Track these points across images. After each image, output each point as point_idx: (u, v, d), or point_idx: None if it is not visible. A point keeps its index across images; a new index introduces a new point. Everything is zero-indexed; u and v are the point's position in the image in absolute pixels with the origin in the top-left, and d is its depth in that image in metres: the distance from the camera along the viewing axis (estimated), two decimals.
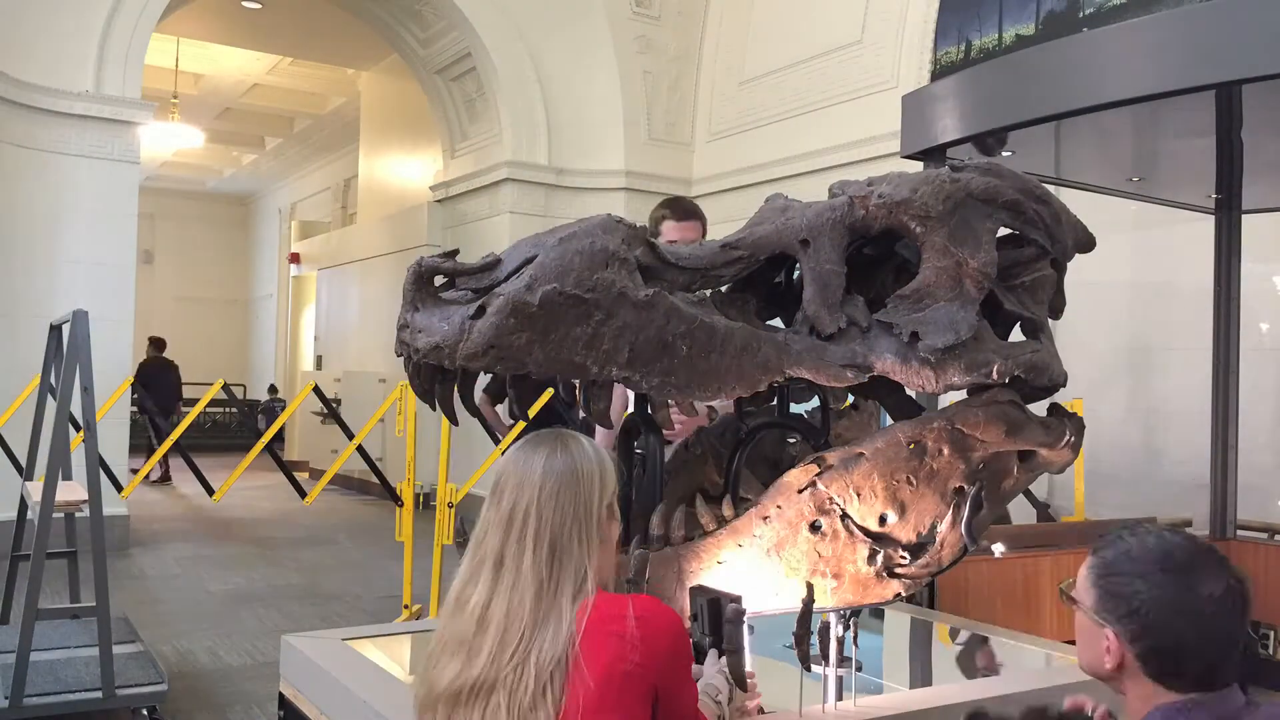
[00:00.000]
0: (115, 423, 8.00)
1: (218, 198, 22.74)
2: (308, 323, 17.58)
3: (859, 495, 2.14)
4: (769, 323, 2.16)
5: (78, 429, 4.53)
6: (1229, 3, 3.26)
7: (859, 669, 2.36)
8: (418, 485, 7.82)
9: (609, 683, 1.56)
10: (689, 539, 2.07)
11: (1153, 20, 4.36)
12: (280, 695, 2.74)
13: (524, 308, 1.77)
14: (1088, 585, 1.66)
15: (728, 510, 2.12)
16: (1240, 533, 4.59)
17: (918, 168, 3.67)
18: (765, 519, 2.11)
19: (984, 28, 7.39)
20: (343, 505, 11.74)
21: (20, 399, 6.73)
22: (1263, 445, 5.55)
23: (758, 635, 2.14)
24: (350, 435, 7.20)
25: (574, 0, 10.04)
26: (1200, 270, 4.80)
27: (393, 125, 14.37)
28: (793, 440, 2.43)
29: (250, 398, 19.49)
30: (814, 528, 2.13)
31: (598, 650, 1.58)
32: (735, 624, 1.92)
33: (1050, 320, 2.43)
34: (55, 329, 4.97)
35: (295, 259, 17.47)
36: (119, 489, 7.44)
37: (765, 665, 2.22)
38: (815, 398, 2.35)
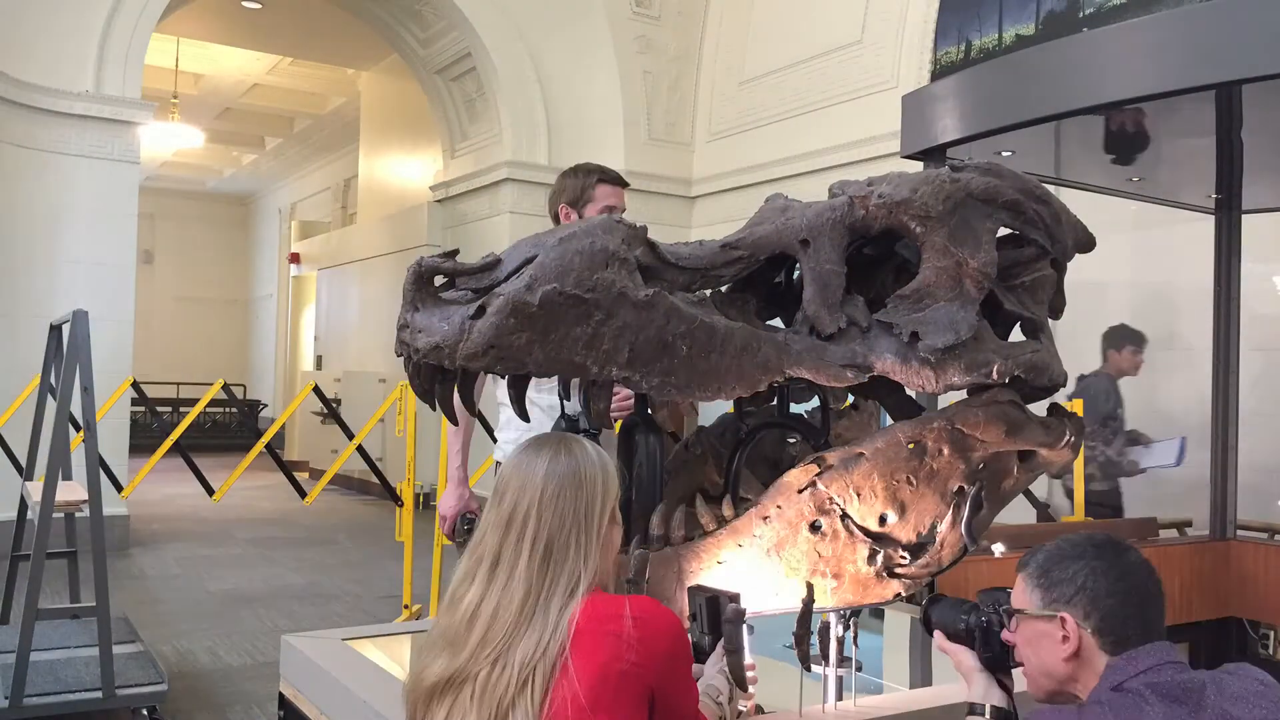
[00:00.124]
0: (115, 423, 8.01)
1: (218, 198, 22.75)
2: (308, 323, 17.58)
3: (859, 495, 2.14)
4: (769, 323, 2.16)
5: (78, 429, 4.53)
6: (1229, 3, 3.25)
7: (859, 669, 2.36)
8: (418, 485, 7.83)
9: (604, 683, 1.56)
10: (689, 539, 2.07)
11: (1153, 20, 4.36)
12: (280, 695, 2.74)
13: (524, 308, 1.77)
14: (1028, 591, 1.79)
15: (728, 510, 2.12)
16: (1240, 533, 4.58)
17: (918, 168, 3.66)
18: (765, 519, 2.11)
19: (984, 28, 7.39)
20: (343, 505, 11.75)
21: (20, 399, 6.74)
22: (1263, 445, 5.55)
23: (757, 635, 2.14)
24: (350, 435, 7.21)
25: (574, 0, 10.04)
26: (1200, 270, 4.79)
27: (393, 125, 14.38)
28: (793, 440, 2.43)
29: (250, 398, 19.51)
30: (814, 528, 2.13)
31: (593, 650, 1.57)
32: (735, 623, 1.92)
33: (1050, 320, 2.43)
34: (55, 329, 4.98)
35: (295, 259, 17.47)
36: (119, 489, 7.46)
37: (765, 665, 2.21)
38: (815, 398, 2.35)
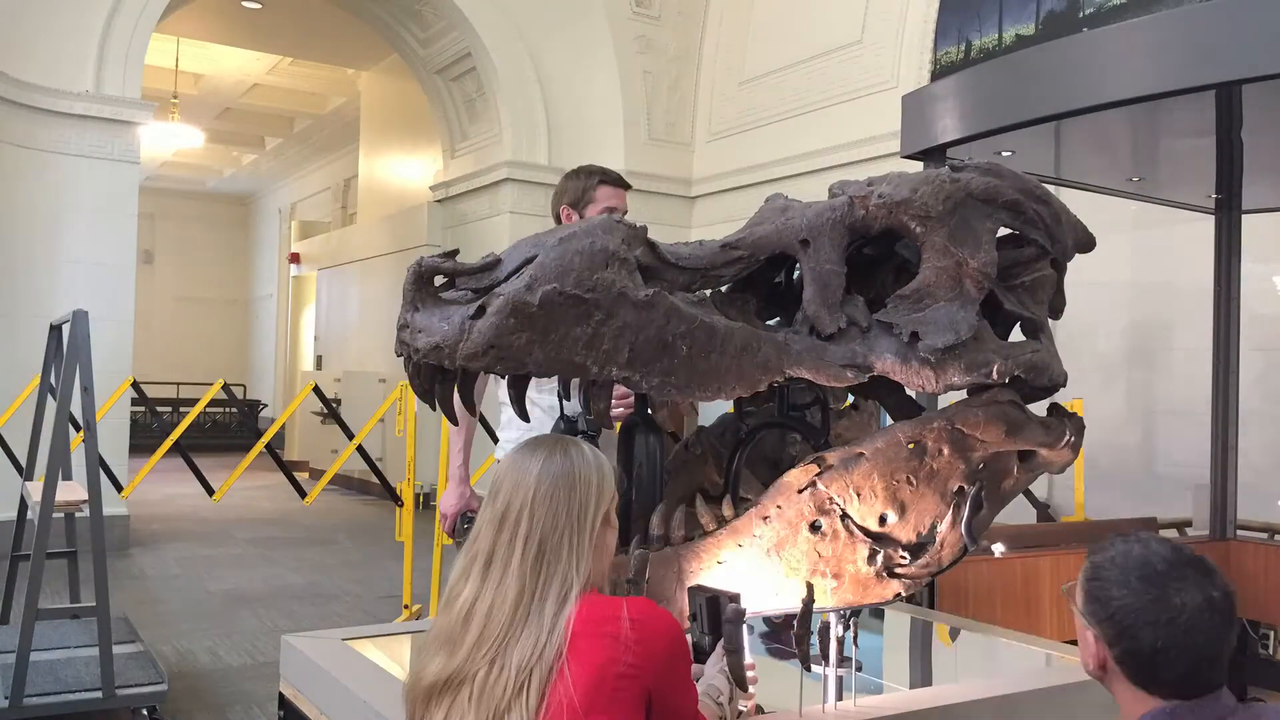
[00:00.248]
0: (115, 423, 8.02)
1: (218, 198, 22.75)
2: (308, 323, 17.58)
3: (859, 495, 2.14)
4: (769, 323, 2.16)
5: (78, 429, 4.53)
6: (1229, 3, 3.25)
7: (859, 669, 2.36)
8: (418, 485, 7.84)
9: (600, 684, 1.55)
10: (689, 539, 2.07)
11: (1153, 20, 4.36)
12: (280, 695, 2.73)
13: (524, 308, 1.77)
14: (1079, 587, 1.71)
15: (728, 510, 2.12)
16: (1240, 533, 4.58)
17: (918, 168, 3.66)
18: (765, 519, 2.11)
19: (984, 28, 7.39)
20: (343, 505, 11.74)
21: (20, 399, 6.74)
22: (1263, 445, 5.55)
23: (757, 635, 2.14)
24: (350, 435, 7.22)
25: (574, 0, 10.04)
26: (1200, 270, 4.79)
27: (393, 125, 14.38)
28: (793, 440, 2.43)
29: (250, 398, 19.50)
30: (814, 528, 2.14)
31: (589, 651, 1.57)
32: (735, 623, 1.92)
33: (1050, 320, 2.43)
34: (55, 329, 4.98)
35: (295, 259, 17.47)
36: (119, 489, 7.46)
37: (765, 665, 2.21)
38: (815, 397, 2.35)
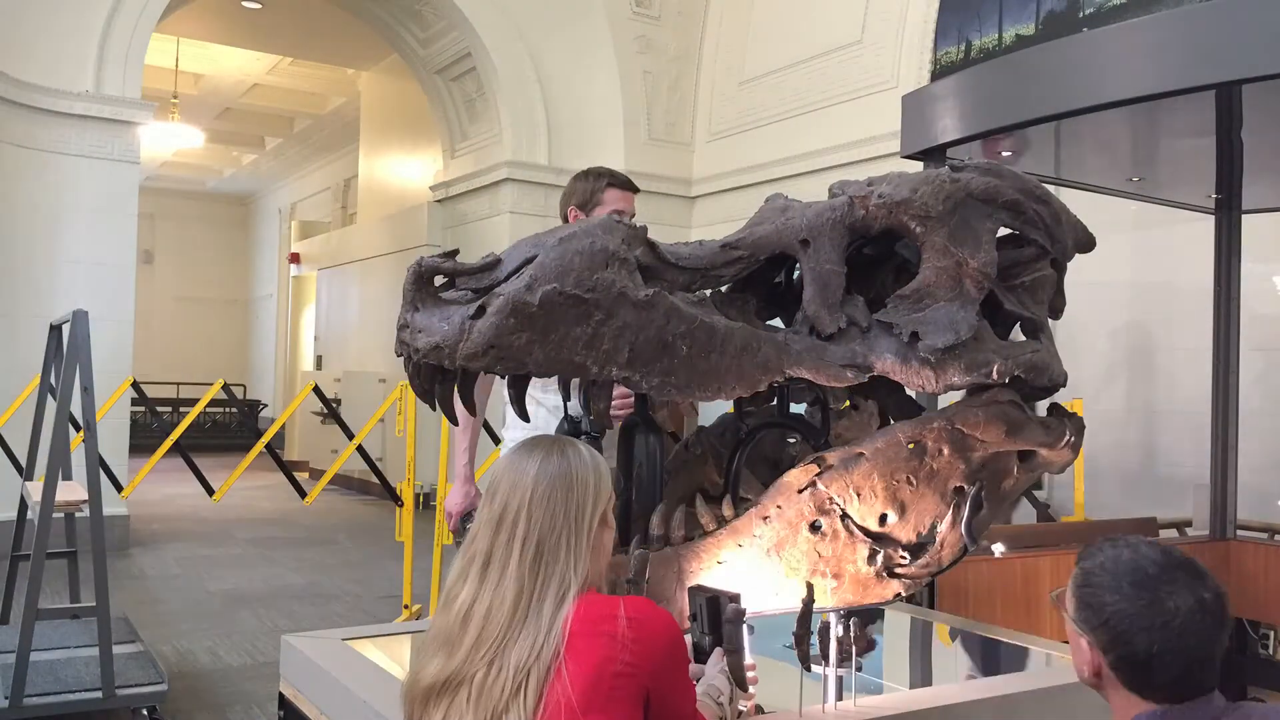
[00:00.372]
0: (115, 423, 8.02)
1: (218, 198, 22.75)
2: (308, 323, 17.58)
3: (859, 495, 2.14)
4: (769, 323, 2.16)
5: (78, 429, 4.53)
6: (1229, 3, 3.25)
7: (859, 669, 2.36)
8: (418, 485, 7.83)
9: (598, 683, 1.55)
10: (689, 539, 2.07)
11: (1153, 20, 4.36)
12: (280, 695, 2.73)
13: (524, 308, 1.77)
14: (1070, 593, 1.71)
15: (728, 510, 2.12)
16: (1240, 533, 4.58)
17: (918, 168, 3.66)
18: (765, 519, 2.11)
19: (984, 28, 7.39)
20: (343, 505, 11.75)
21: (20, 399, 6.74)
22: (1263, 445, 5.55)
23: (758, 635, 2.14)
24: (350, 435, 7.22)
25: (574, 0, 10.04)
26: (1200, 270, 4.79)
27: (393, 125, 14.37)
28: (793, 440, 2.43)
29: (250, 398, 19.50)
30: (814, 528, 2.14)
31: (587, 651, 1.57)
32: (735, 623, 1.92)
33: (1050, 320, 2.43)
34: (55, 329, 4.98)
35: (295, 259, 17.47)
36: (119, 489, 7.46)
37: (765, 665, 2.21)
38: (815, 397, 2.35)
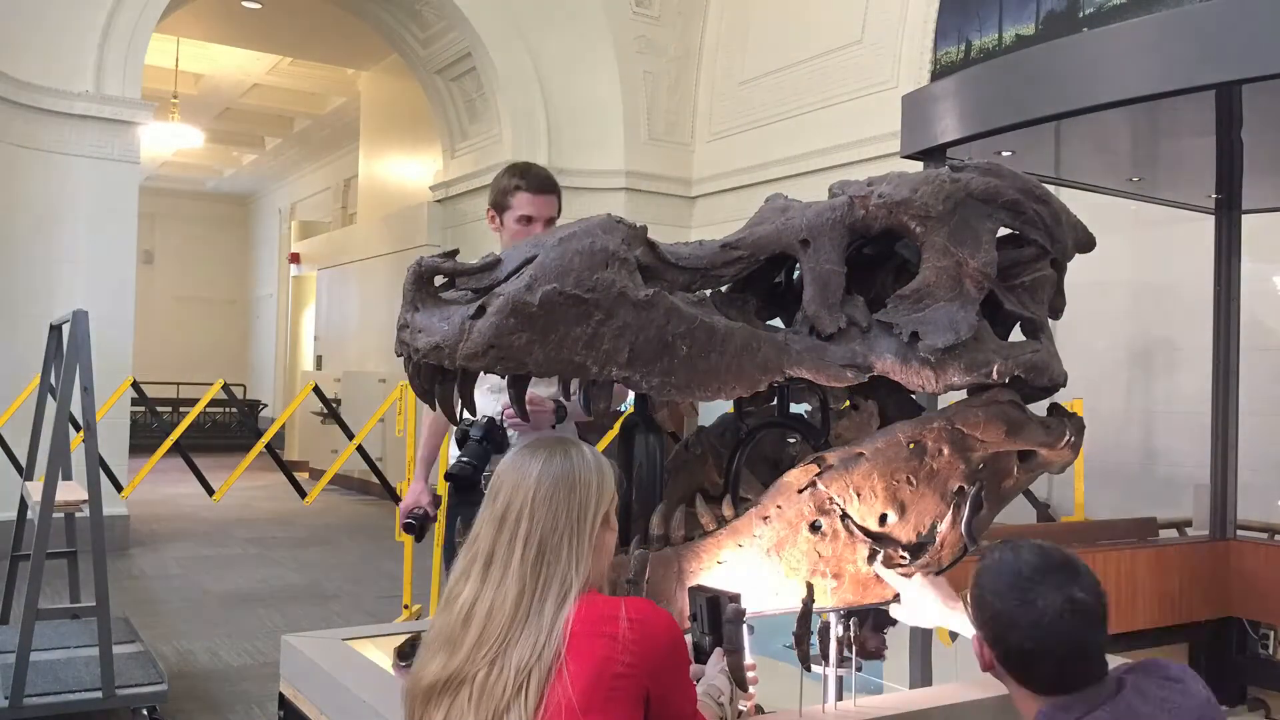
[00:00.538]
0: (115, 423, 8.01)
1: (218, 198, 22.75)
2: (308, 323, 17.58)
3: (859, 495, 2.14)
4: (769, 323, 2.16)
5: (78, 429, 4.53)
6: (1229, 3, 3.25)
7: (859, 669, 2.36)
8: None
9: (598, 683, 1.55)
10: (689, 539, 2.07)
11: (1153, 20, 4.36)
12: (280, 695, 2.74)
13: (524, 308, 1.77)
14: (969, 592, 1.83)
15: (728, 510, 2.12)
16: (1240, 533, 4.58)
17: (918, 168, 3.66)
18: (765, 519, 2.11)
19: (984, 28, 7.39)
20: (343, 505, 11.75)
21: (20, 399, 6.74)
22: (1263, 445, 5.55)
23: (758, 635, 2.14)
24: (350, 435, 7.22)
25: (574, 0, 10.04)
26: (1200, 270, 4.79)
27: (393, 125, 14.37)
28: (793, 440, 2.43)
29: (250, 398, 19.50)
30: (814, 528, 2.14)
31: (588, 651, 1.57)
32: (735, 623, 1.92)
33: (1050, 320, 2.43)
34: (55, 329, 4.98)
35: (295, 259, 17.47)
36: (119, 489, 7.46)
37: (765, 665, 2.21)
38: (815, 397, 2.35)
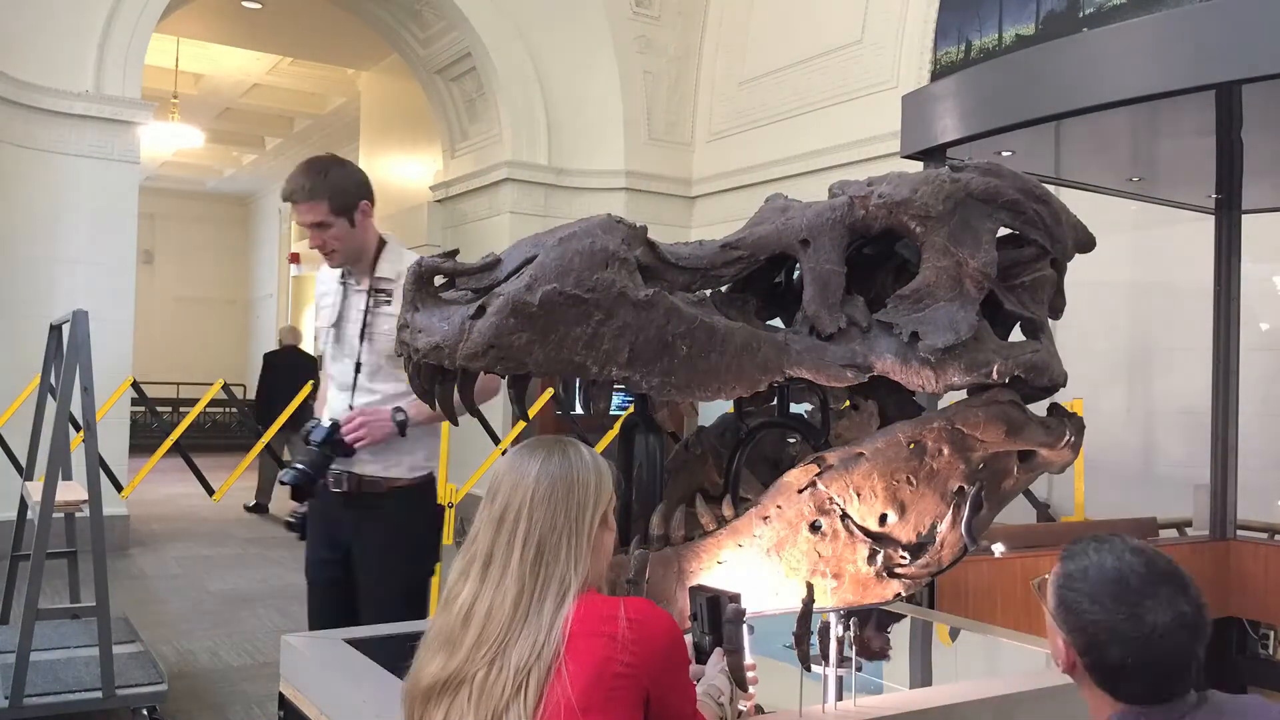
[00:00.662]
0: (115, 423, 8.01)
1: (218, 198, 22.73)
2: (308, 323, 17.57)
3: (859, 495, 2.14)
4: (769, 323, 2.16)
5: (78, 429, 4.53)
6: (1229, 3, 3.25)
7: (859, 669, 2.36)
8: None
9: (597, 683, 1.55)
10: (689, 539, 2.07)
11: (1153, 20, 4.36)
12: (280, 695, 2.73)
13: (524, 308, 1.77)
14: (1052, 588, 1.74)
15: (728, 510, 2.12)
16: (1240, 533, 4.58)
17: (918, 168, 3.66)
18: (765, 519, 2.11)
19: (984, 28, 7.38)
20: None
21: (20, 399, 6.74)
22: (1263, 445, 5.55)
23: (758, 635, 2.14)
24: None
25: (574, 0, 10.04)
26: (1200, 270, 4.79)
27: (393, 125, 14.37)
28: (793, 440, 2.43)
29: (250, 398, 19.48)
30: (814, 528, 2.14)
31: (587, 651, 1.57)
32: (735, 623, 1.92)
33: (1050, 320, 2.43)
34: (55, 329, 4.97)
35: (295, 259, 17.46)
36: (119, 489, 7.46)
37: (765, 665, 2.22)
38: (815, 397, 2.35)
